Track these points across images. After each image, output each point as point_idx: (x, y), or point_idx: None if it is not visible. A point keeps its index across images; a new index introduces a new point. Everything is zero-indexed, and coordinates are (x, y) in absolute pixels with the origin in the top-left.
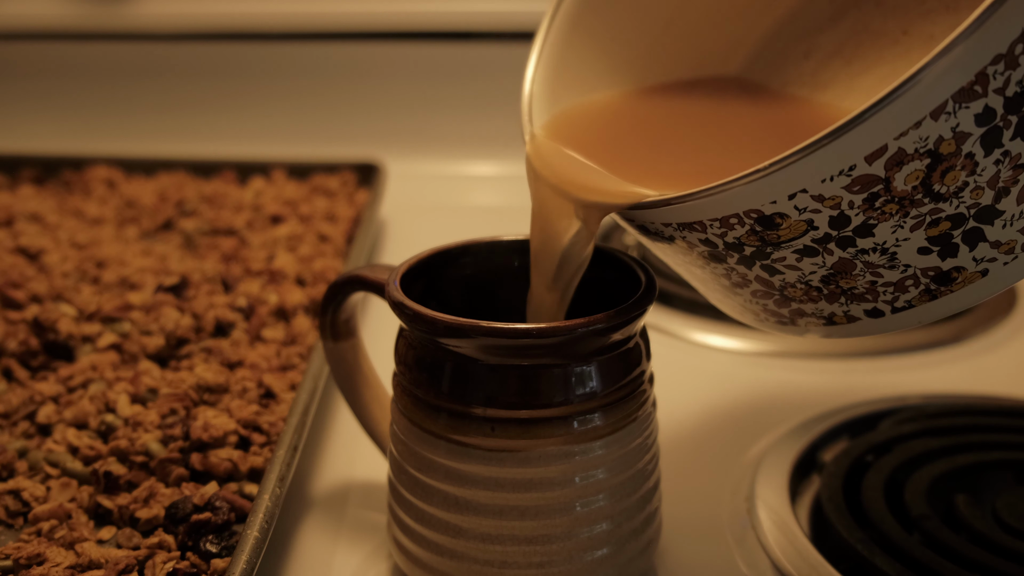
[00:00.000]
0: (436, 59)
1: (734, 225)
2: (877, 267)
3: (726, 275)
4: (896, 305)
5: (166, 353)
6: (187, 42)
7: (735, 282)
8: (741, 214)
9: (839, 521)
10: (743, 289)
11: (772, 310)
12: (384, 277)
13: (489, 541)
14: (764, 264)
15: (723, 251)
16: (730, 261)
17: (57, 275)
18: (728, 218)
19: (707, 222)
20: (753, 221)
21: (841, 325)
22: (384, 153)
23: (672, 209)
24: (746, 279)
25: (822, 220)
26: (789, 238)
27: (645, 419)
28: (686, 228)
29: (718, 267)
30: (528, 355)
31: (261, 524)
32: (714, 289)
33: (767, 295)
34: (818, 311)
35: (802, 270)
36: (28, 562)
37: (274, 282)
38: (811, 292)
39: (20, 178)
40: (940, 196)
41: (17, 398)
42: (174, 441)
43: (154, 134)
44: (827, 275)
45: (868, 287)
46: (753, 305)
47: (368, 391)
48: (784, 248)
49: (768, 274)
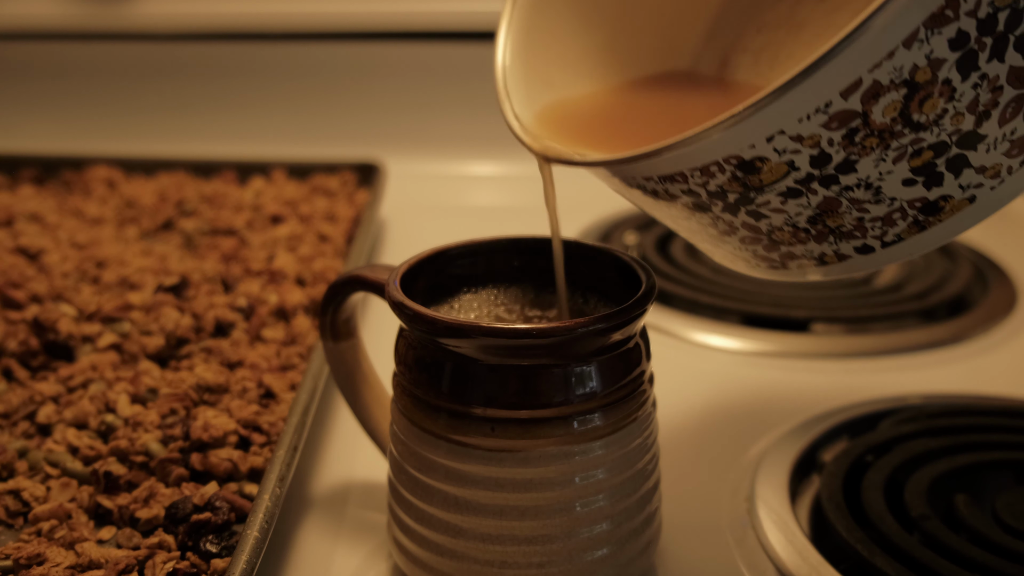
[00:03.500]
0: (436, 59)
1: (715, 173)
2: (863, 203)
3: (712, 224)
4: (885, 240)
5: (166, 353)
6: (187, 42)
7: (722, 230)
8: (721, 161)
9: (839, 521)
10: (731, 236)
11: (762, 255)
12: (384, 277)
13: (489, 541)
14: (749, 210)
15: (707, 200)
16: (715, 210)
17: (57, 275)
18: (708, 167)
19: (688, 172)
20: (734, 167)
21: (832, 264)
22: (384, 153)
23: (653, 162)
24: (733, 226)
25: (803, 160)
26: (771, 181)
27: (645, 419)
28: (667, 181)
29: (704, 217)
30: (528, 355)
31: (261, 524)
32: (703, 239)
33: (756, 240)
34: (808, 252)
35: (788, 212)
36: (28, 562)
37: (274, 282)
38: (799, 234)
39: (20, 178)
40: (920, 125)
41: (17, 398)
42: (174, 441)
43: (154, 134)
44: (813, 215)
45: (856, 224)
46: (743, 252)
47: (368, 391)
48: (767, 192)
49: (754, 219)
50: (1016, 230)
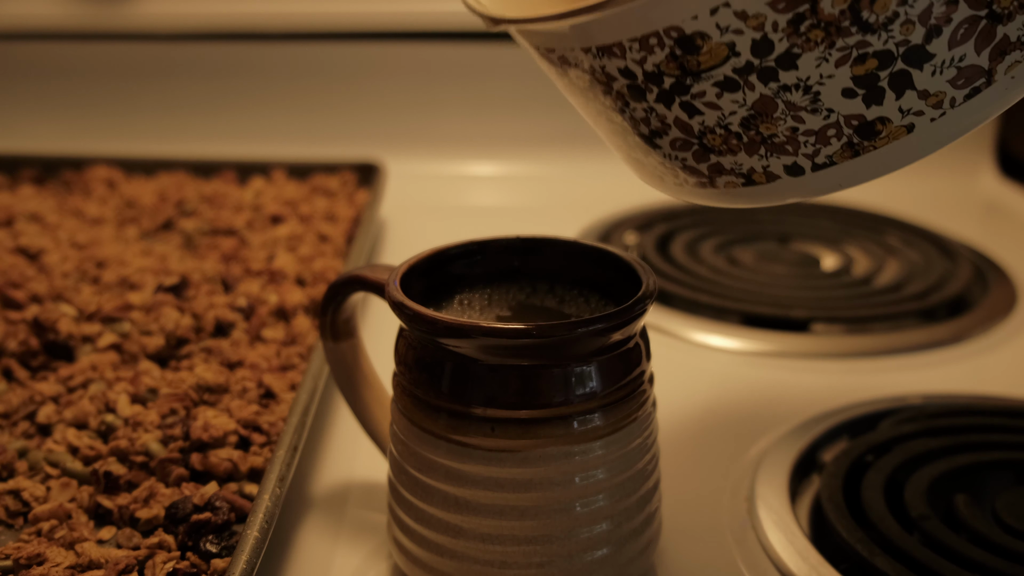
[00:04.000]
0: (436, 59)
1: (654, 48)
2: (799, 109)
3: (645, 120)
4: (817, 160)
5: (166, 353)
6: (187, 42)
7: (654, 129)
8: (661, 32)
9: (839, 521)
10: (662, 139)
11: (691, 167)
12: (384, 277)
13: (489, 541)
14: (683, 102)
15: (642, 84)
16: (649, 98)
17: (57, 275)
18: (648, 38)
19: (627, 44)
20: (673, 42)
21: (760, 185)
22: (384, 153)
23: (594, 21)
24: (665, 123)
25: (744, 44)
26: (709, 66)
27: (645, 419)
28: (605, 54)
29: (637, 108)
30: (528, 355)
31: (261, 524)
32: (633, 145)
33: (686, 146)
34: (737, 166)
35: (722, 109)
36: (28, 562)
37: (274, 282)
38: (730, 140)
39: (20, 178)
40: (868, 26)
41: (17, 398)
42: (174, 441)
43: (154, 134)
44: (747, 117)
45: (789, 135)
46: (672, 162)
47: (368, 391)
48: (704, 80)
49: (687, 115)
50: (1016, 230)
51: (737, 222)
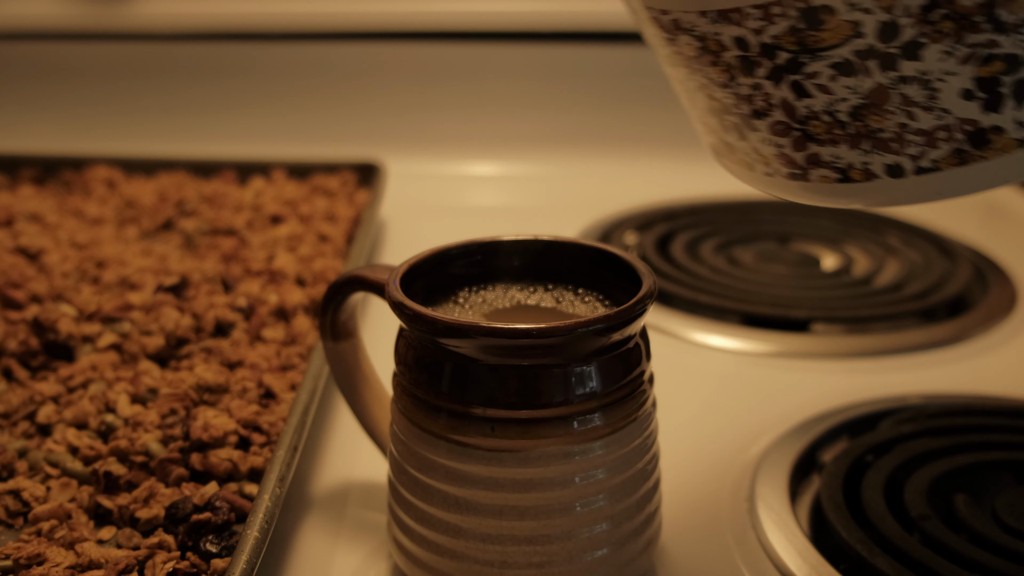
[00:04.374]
0: (436, 59)
1: (775, 17)
2: (913, 105)
3: (748, 97)
4: (921, 164)
5: (166, 353)
6: (187, 42)
7: (757, 108)
8: (786, 1)
9: (839, 521)
10: (762, 121)
11: (787, 155)
12: (384, 277)
13: (489, 541)
14: (794, 81)
15: (756, 56)
16: (759, 73)
17: (57, 275)
18: (771, 5)
19: (748, 10)
20: (798, 14)
21: (856, 183)
22: (384, 153)
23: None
24: (769, 103)
25: (870, 25)
26: (829, 44)
27: (645, 419)
28: (723, 19)
29: (744, 84)
30: (528, 355)
31: (261, 524)
32: (728, 127)
33: (786, 130)
34: (836, 158)
35: (833, 94)
36: (28, 562)
37: (274, 282)
38: (835, 129)
39: (20, 178)
40: (1002, 25)
41: (17, 398)
42: (174, 441)
43: (154, 134)
44: (858, 106)
45: (897, 132)
46: (767, 147)
47: (368, 391)
48: (821, 59)
49: (795, 95)
50: (1016, 230)
51: (737, 222)
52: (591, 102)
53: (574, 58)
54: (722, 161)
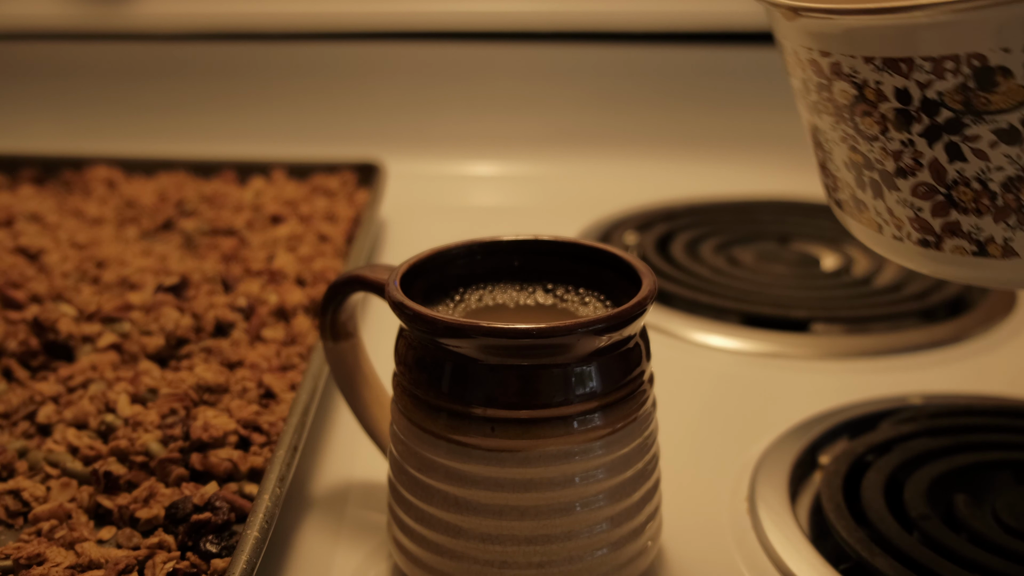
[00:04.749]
0: (436, 59)
1: (946, 73)
2: None
3: (897, 154)
4: None
5: (166, 353)
6: (187, 42)
7: (903, 166)
8: (962, 56)
9: (839, 521)
10: (906, 180)
11: (923, 220)
12: (384, 277)
13: (489, 541)
14: (950, 142)
15: (915, 111)
16: (914, 129)
17: (57, 275)
18: (944, 60)
19: (919, 61)
20: (971, 71)
21: (992, 259)
22: (384, 153)
23: (896, 22)
24: (918, 162)
25: None
26: (998, 108)
27: (645, 419)
28: (889, 68)
29: (894, 139)
30: (528, 355)
31: (261, 524)
32: (866, 182)
33: (929, 194)
34: (975, 230)
35: (989, 161)
36: (28, 562)
37: (274, 282)
38: (982, 199)
39: (20, 178)
40: None
41: (17, 398)
42: (174, 441)
43: (154, 134)
44: (1013, 178)
45: None
46: (905, 208)
47: (368, 391)
48: (985, 123)
49: (948, 158)
50: None
51: (737, 222)
52: (591, 102)
53: (574, 58)
54: (847, 219)
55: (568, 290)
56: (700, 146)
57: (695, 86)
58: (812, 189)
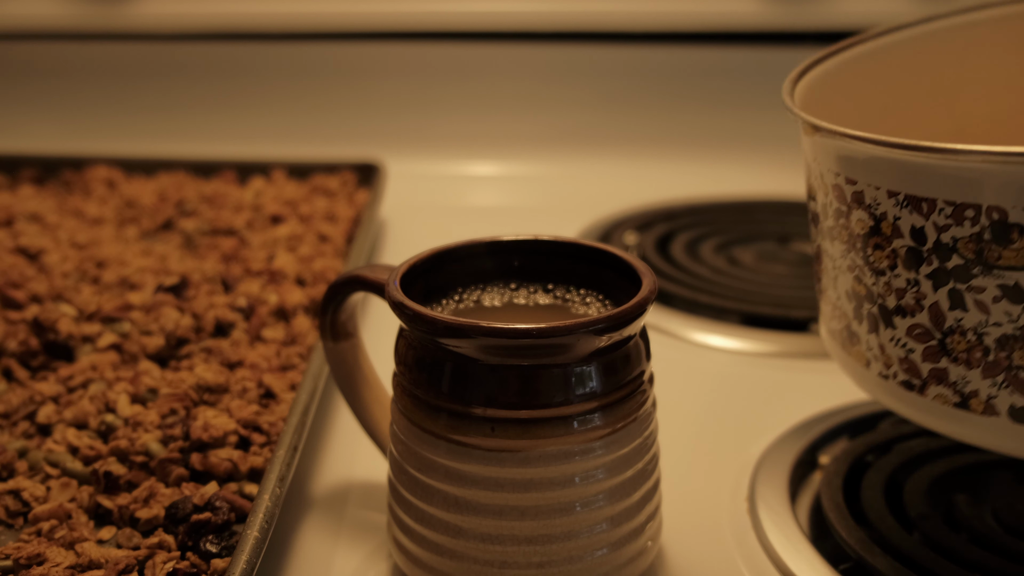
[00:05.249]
0: (436, 59)
1: (965, 220)
2: None
3: (900, 291)
4: None
5: (166, 353)
6: (187, 42)
7: (903, 305)
8: (984, 208)
9: (839, 521)
10: (904, 319)
11: (912, 363)
12: (384, 277)
13: (489, 541)
14: (955, 289)
15: (927, 252)
16: (922, 271)
17: (57, 275)
18: (966, 207)
19: (941, 204)
20: (988, 224)
21: (971, 414)
22: (384, 153)
23: (933, 161)
24: (920, 304)
25: None
26: (1008, 265)
27: (645, 419)
28: (911, 205)
29: (900, 277)
30: (528, 355)
31: (261, 524)
32: (863, 315)
33: (923, 338)
34: (961, 382)
35: (989, 315)
36: (28, 562)
37: (274, 282)
38: (975, 352)
39: (20, 178)
40: None
41: (17, 398)
42: (174, 441)
43: (154, 134)
44: (1009, 336)
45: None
46: (897, 348)
47: (368, 391)
48: (993, 276)
49: (949, 304)
50: None
51: (737, 222)
52: (591, 102)
53: (574, 58)
54: (837, 349)
55: (568, 290)
56: (700, 146)
57: (695, 86)
58: None
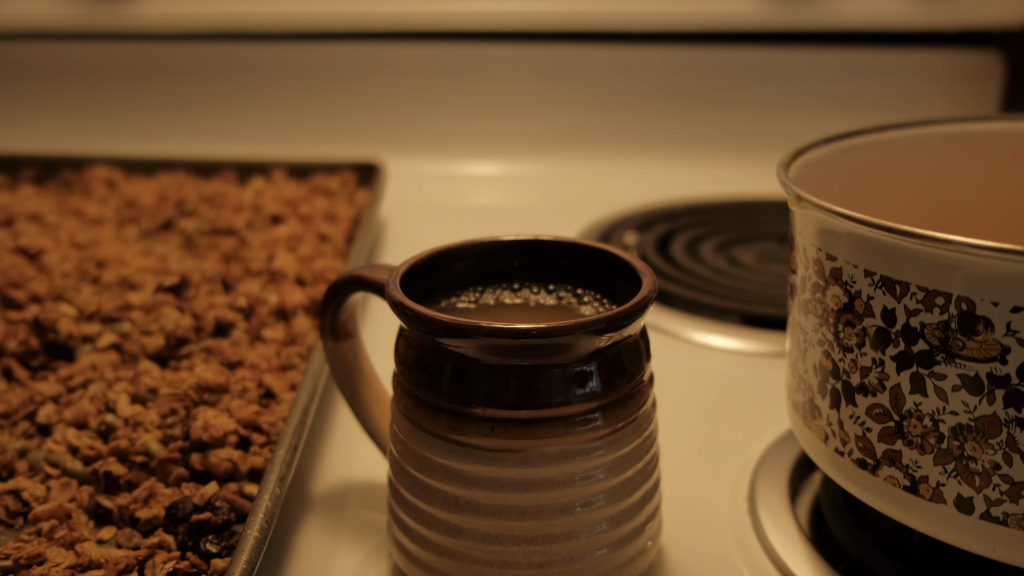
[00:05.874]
0: (436, 59)
1: (935, 307)
2: (1018, 452)
3: (864, 370)
4: (992, 512)
5: (166, 353)
6: (187, 42)
7: (865, 383)
8: (954, 297)
9: (839, 522)
10: (865, 398)
11: (868, 442)
12: (384, 277)
13: (489, 541)
14: (917, 373)
15: (895, 335)
16: (888, 352)
17: (57, 275)
18: (937, 295)
19: (914, 288)
20: (957, 313)
21: (919, 500)
22: (384, 153)
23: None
24: (882, 384)
25: (1019, 357)
26: (971, 356)
27: (645, 419)
28: (885, 287)
29: (867, 355)
30: (528, 355)
31: (261, 524)
32: (827, 390)
33: (881, 418)
34: (913, 466)
35: (947, 403)
36: (28, 562)
37: (274, 282)
38: (929, 437)
39: (20, 178)
40: None
41: (17, 398)
42: (174, 441)
43: (154, 134)
44: (964, 425)
45: (986, 468)
46: (856, 425)
47: (368, 391)
48: (955, 365)
49: (910, 388)
50: None
51: (737, 222)
52: (591, 102)
53: (574, 58)
54: (798, 422)
55: (568, 290)
56: (700, 146)
57: (695, 86)
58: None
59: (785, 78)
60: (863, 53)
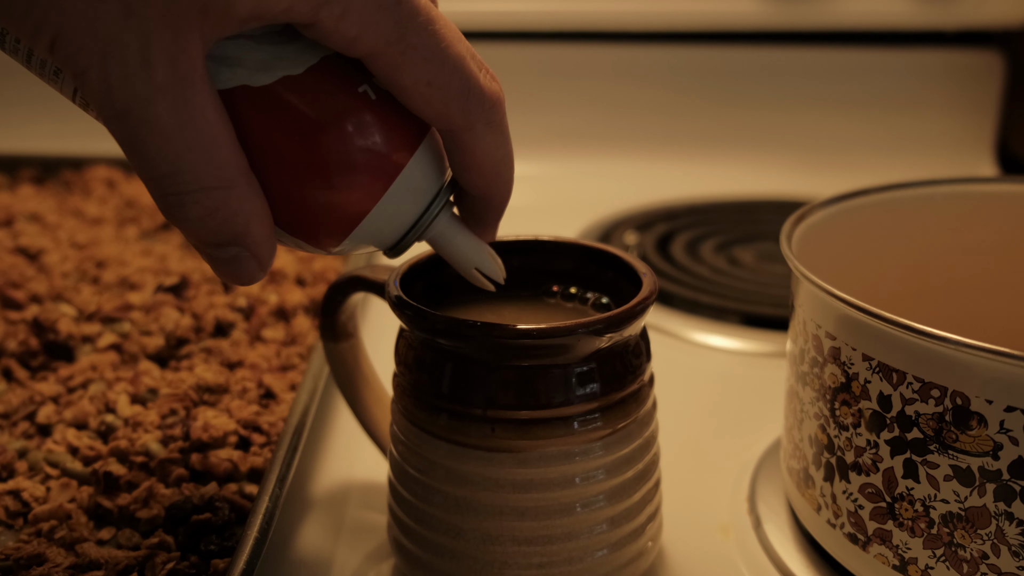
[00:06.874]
0: None
1: (929, 398)
2: (1005, 542)
3: (859, 449)
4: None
5: (166, 353)
6: None
7: (860, 463)
8: (949, 391)
9: None
10: (859, 476)
11: (860, 518)
12: (384, 277)
13: (489, 542)
14: (910, 459)
15: (890, 420)
16: (883, 436)
17: (57, 275)
18: (933, 387)
19: (911, 378)
20: (952, 407)
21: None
22: None
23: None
24: (875, 465)
25: (1011, 454)
26: (963, 449)
27: (645, 420)
28: (882, 373)
29: (862, 436)
30: (528, 355)
31: (261, 524)
32: (821, 463)
33: (874, 498)
34: (903, 547)
35: (938, 491)
36: (28, 562)
37: (274, 282)
38: (920, 521)
39: (20, 178)
40: None
41: (17, 398)
42: (174, 441)
43: None
44: (954, 514)
45: (975, 556)
46: (847, 501)
47: (368, 392)
48: (947, 455)
49: (903, 472)
50: None
51: (737, 222)
52: (591, 102)
53: (575, 58)
54: (791, 488)
55: (568, 290)
56: (700, 146)
57: (695, 86)
58: (812, 189)
59: (785, 78)
60: (863, 53)
